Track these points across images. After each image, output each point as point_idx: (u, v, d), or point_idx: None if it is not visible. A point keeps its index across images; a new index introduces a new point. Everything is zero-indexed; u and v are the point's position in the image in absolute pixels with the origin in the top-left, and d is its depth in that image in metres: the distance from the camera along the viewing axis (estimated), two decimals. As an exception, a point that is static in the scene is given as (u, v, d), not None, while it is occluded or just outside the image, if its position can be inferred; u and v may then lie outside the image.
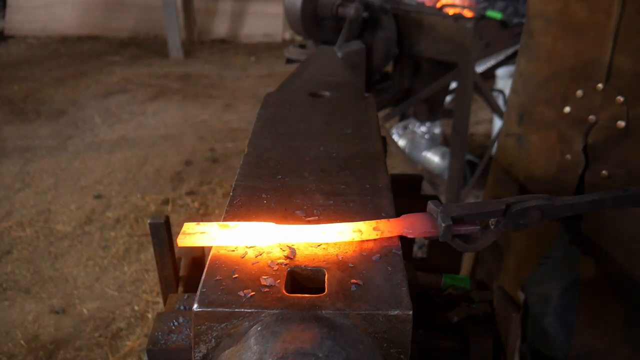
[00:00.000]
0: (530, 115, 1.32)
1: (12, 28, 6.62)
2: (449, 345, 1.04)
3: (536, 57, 1.28)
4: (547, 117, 1.27)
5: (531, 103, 1.32)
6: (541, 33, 1.25)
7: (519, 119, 1.36)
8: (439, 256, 1.32)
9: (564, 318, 1.39)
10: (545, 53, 1.25)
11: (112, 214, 3.21)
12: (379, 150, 1.04)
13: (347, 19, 2.42)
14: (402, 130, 3.73)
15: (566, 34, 1.19)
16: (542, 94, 1.28)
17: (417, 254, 2.66)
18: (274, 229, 0.76)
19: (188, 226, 0.77)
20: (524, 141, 1.35)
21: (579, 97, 1.19)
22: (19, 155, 3.86)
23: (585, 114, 1.19)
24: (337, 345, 0.59)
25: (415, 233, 0.77)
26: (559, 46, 1.21)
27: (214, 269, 0.70)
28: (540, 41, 1.26)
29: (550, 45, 1.23)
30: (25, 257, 2.85)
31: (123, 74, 5.52)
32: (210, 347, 0.66)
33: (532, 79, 1.30)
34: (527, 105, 1.33)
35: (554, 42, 1.22)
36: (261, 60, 6.03)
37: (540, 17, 1.26)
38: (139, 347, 2.32)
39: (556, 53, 1.22)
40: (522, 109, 1.35)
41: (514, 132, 1.38)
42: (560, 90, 1.23)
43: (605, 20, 1.11)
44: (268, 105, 1.23)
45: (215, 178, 3.61)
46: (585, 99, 1.18)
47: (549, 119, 1.27)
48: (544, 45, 1.25)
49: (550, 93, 1.25)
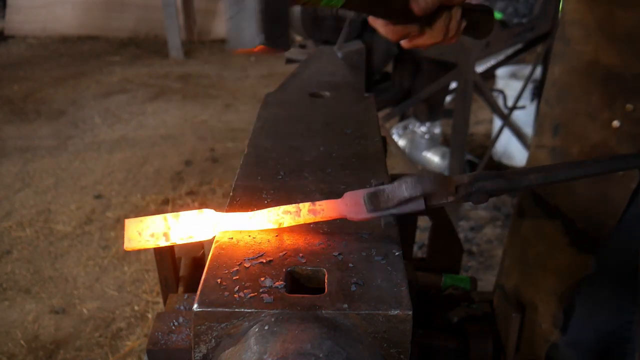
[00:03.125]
0: (567, 127, 1.25)
1: (12, 28, 6.61)
2: (449, 345, 1.04)
3: (574, 68, 1.21)
4: (590, 130, 1.20)
5: (568, 115, 1.24)
6: (580, 42, 1.18)
7: (554, 131, 1.28)
8: (439, 256, 1.32)
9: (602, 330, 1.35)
10: (585, 63, 1.18)
11: (112, 214, 3.21)
12: (379, 150, 1.04)
13: (347, 19, 2.42)
14: (402, 130, 3.73)
15: (611, 44, 1.12)
16: (583, 106, 1.20)
17: (417, 254, 2.66)
18: (211, 216, 0.78)
19: (131, 225, 0.76)
20: (560, 154, 1.27)
21: (630, 111, 1.12)
22: (19, 155, 3.86)
23: (637, 128, 1.13)
24: (337, 345, 0.59)
25: (357, 217, 0.75)
26: (602, 57, 1.14)
27: (214, 269, 0.70)
28: (579, 50, 1.18)
29: (591, 55, 1.16)
30: (25, 257, 2.85)
31: (123, 74, 5.52)
32: (210, 347, 0.66)
33: (569, 89, 1.23)
34: (563, 116, 1.26)
35: (595, 52, 1.15)
36: (261, 60, 6.03)
37: (579, 25, 1.18)
38: (139, 347, 2.32)
39: (599, 64, 1.15)
40: (557, 120, 1.27)
41: (547, 145, 1.30)
42: (606, 103, 1.16)
43: None
44: (268, 105, 1.23)
45: (215, 178, 3.61)
46: (636, 112, 1.12)
47: (593, 132, 1.19)
48: (583, 55, 1.18)
49: (593, 105, 1.18)
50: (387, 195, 0.75)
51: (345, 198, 0.77)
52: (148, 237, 0.75)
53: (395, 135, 3.72)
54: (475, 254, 2.85)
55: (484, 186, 0.77)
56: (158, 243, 0.76)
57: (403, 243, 0.77)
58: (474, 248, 2.90)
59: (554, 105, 1.29)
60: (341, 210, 0.76)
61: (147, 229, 0.76)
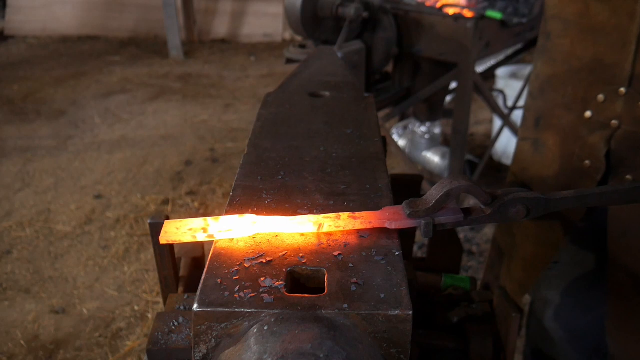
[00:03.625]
0: (547, 119, 1.29)
1: (12, 28, 6.62)
2: (449, 345, 1.04)
3: (553, 60, 1.25)
4: (565, 121, 1.24)
5: (548, 106, 1.28)
6: (559, 35, 1.22)
7: (535, 123, 1.32)
8: (439, 256, 1.32)
9: (571, 322, 1.38)
10: (563, 55, 1.22)
11: (112, 214, 3.21)
12: (379, 150, 1.04)
13: (347, 19, 2.42)
14: (402, 130, 3.73)
15: (586, 37, 1.16)
16: (560, 97, 1.24)
17: (417, 254, 2.66)
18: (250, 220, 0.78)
19: (169, 225, 0.79)
20: (540, 145, 1.31)
21: (601, 102, 1.16)
22: (19, 155, 3.86)
23: (607, 118, 1.16)
24: (337, 345, 0.59)
25: (396, 225, 0.77)
26: (577, 49, 1.18)
27: (214, 269, 0.70)
28: (558, 43, 1.23)
29: (568, 47, 1.20)
30: (25, 257, 2.85)
31: (123, 74, 5.52)
32: (210, 347, 0.66)
33: (549, 81, 1.27)
34: (544, 108, 1.30)
35: (572, 45, 1.19)
36: (261, 60, 6.03)
37: (558, 19, 1.22)
38: (139, 347, 2.32)
39: (575, 56, 1.19)
40: (538, 113, 1.32)
41: (530, 136, 1.35)
42: (580, 94, 1.19)
43: (628, 23, 1.08)
44: (268, 105, 1.23)
45: (215, 178, 3.61)
46: (607, 103, 1.15)
47: (568, 123, 1.23)
48: (561, 47, 1.22)
49: (569, 97, 1.22)
50: (425, 198, 0.78)
51: (385, 209, 0.79)
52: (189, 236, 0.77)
53: (395, 135, 3.72)
54: (475, 254, 2.85)
55: (518, 196, 0.79)
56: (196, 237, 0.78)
57: (403, 243, 0.77)
58: (474, 248, 2.90)
59: (537, 98, 1.32)
60: (380, 218, 0.78)
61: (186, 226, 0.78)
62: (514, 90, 3.35)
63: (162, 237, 0.77)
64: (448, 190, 0.75)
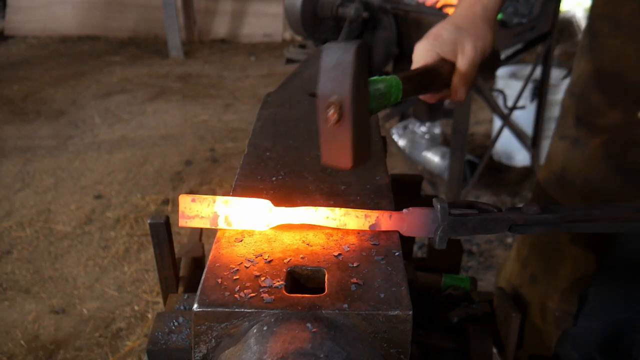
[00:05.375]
0: (590, 118, 1.27)
1: (12, 28, 6.61)
2: (449, 345, 1.04)
3: (601, 60, 1.23)
4: (613, 121, 1.22)
5: (592, 106, 1.26)
6: (608, 35, 1.20)
7: (576, 122, 1.30)
8: (439, 256, 1.32)
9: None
10: (612, 55, 1.20)
11: (112, 214, 3.21)
12: (379, 150, 1.04)
13: (347, 19, 2.42)
14: (402, 130, 3.73)
15: (638, 38, 1.14)
16: (607, 97, 1.22)
17: (417, 254, 2.66)
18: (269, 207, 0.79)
19: (184, 200, 0.79)
20: (581, 144, 1.29)
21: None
22: (19, 155, 3.86)
23: None
24: (337, 345, 0.59)
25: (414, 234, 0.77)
26: (629, 49, 1.16)
27: (214, 269, 0.70)
28: (607, 43, 1.21)
29: (619, 47, 1.18)
30: (25, 257, 2.85)
31: (123, 74, 5.52)
32: (210, 347, 0.66)
33: (594, 81, 1.25)
34: (587, 107, 1.28)
35: (623, 45, 1.17)
36: (261, 60, 6.03)
37: (607, 19, 1.21)
38: (139, 347, 2.32)
39: (626, 56, 1.17)
40: (580, 112, 1.30)
41: (570, 135, 1.32)
42: (631, 94, 1.18)
43: None
44: (268, 105, 1.23)
45: (215, 178, 3.61)
46: None
47: (617, 124, 1.21)
48: (611, 47, 1.20)
49: (618, 97, 1.20)
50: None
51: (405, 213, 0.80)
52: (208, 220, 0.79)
53: (395, 135, 3.72)
54: (475, 254, 2.85)
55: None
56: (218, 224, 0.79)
57: (403, 243, 0.77)
58: (474, 248, 2.90)
59: (579, 97, 1.30)
60: (400, 223, 0.79)
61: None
62: (514, 90, 3.35)
63: (181, 218, 0.79)
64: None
